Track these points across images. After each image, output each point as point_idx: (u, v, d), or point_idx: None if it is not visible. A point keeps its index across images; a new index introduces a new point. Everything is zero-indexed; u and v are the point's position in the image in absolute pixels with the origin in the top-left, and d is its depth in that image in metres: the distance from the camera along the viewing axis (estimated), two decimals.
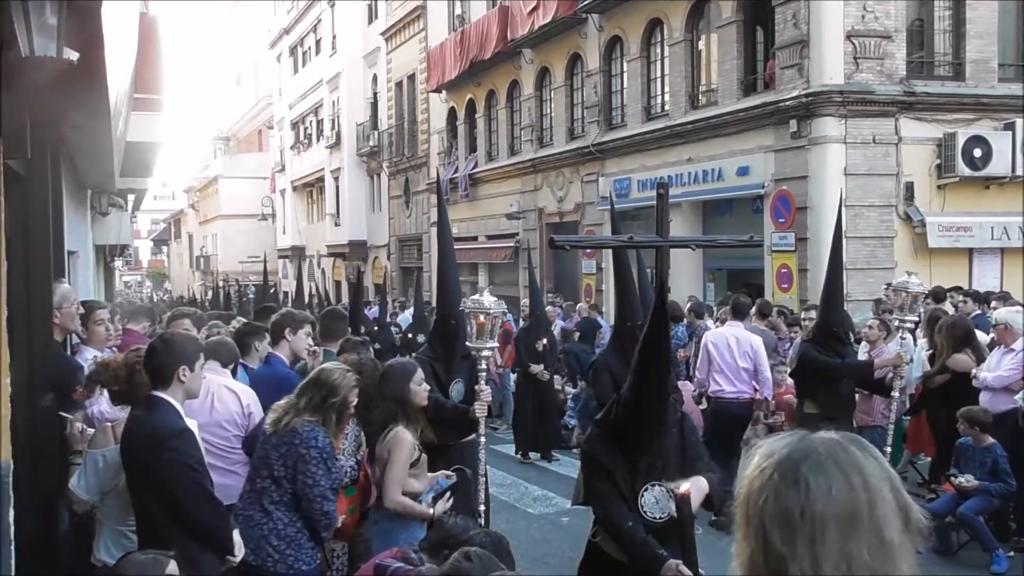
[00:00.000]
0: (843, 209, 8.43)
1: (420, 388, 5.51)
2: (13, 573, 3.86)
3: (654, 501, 4.29)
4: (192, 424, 4.54)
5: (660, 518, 4.26)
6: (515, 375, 13.69)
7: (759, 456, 1.75)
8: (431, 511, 5.27)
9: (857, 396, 8.82)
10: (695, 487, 4.24)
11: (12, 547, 3.84)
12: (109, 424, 5.09)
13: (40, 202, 5.04)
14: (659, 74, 19.77)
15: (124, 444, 4.47)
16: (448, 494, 5.50)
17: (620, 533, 4.28)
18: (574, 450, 13.13)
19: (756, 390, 9.65)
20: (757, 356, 9.68)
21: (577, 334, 14.87)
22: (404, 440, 5.25)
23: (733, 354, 9.61)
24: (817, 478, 1.67)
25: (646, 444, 4.32)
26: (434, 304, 10.16)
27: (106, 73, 5.29)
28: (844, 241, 8.56)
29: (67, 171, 8.81)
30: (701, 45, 18.63)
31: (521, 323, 15.13)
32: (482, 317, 6.07)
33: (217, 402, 5.71)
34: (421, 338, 14.09)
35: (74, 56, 3.86)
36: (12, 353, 3.94)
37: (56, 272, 5.67)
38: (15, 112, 4.14)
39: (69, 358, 5.95)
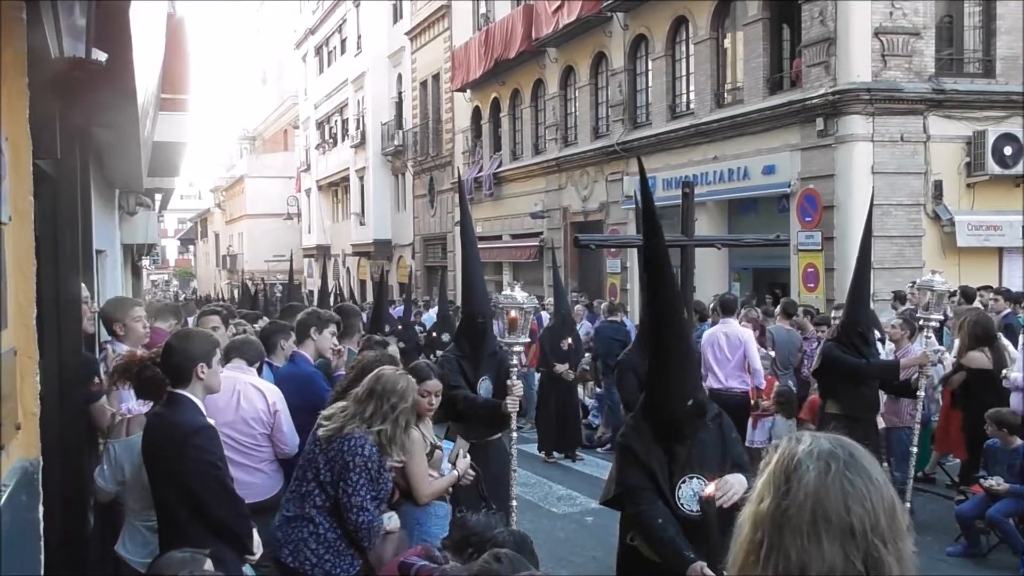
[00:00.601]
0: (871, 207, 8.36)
1: (423, 399, 5.46)
2: (43, 568, 3.90)
3: (692, 494, 4.26)
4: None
5: (697, 511, 4.24)
6: (539, 374, 13.69)
7: (780, 459, 1.77)
8: (455, 473, 5.34)
9: (884, 396, 8.77)
10: (737, 482, 4.22)
11: (42, 542, 3.88)
12: (127, 416, 5.16)
13: (69, 201, 5.09)
14: (684, 72, 19.71)
15: (146, 441, 4.51)
16: (461, 452, 5.52)
17: (649, 530, 4.26)
18: (598, 450, 13.13)
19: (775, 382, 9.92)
20: (747, 349, 10.17)
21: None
22: (415, 438, 5.27)
23: (723, 351, 10.10)
24: (849, 480, 1.69)
25: (678, 414, 4.27)
26: (459, 303, 10.21)
27: (134, 74, 5.34)
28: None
29: (95, 171, 8.90)
30: (727, 43, 18.56)
31: (546, 321, 15.12)
32: (514, 312, 6.08)
33: (243, 400, 5.74)
34: (446, 337, 14.14)
35: (103, 57, 3.90)
36: (41, 351, 3.99)
37: (85, 271, 5.72)
38: (45, 113, 4.19)
39: (85, 354, 6.00)
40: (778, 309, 12.61)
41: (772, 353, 11.49)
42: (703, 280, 16.28)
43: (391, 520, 4.91)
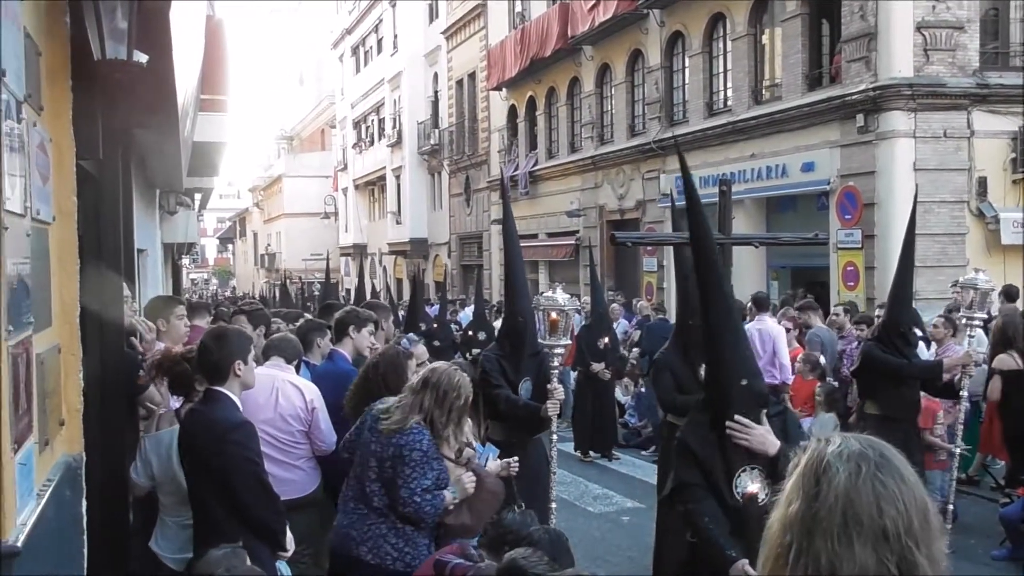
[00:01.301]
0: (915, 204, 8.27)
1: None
2: (86, 563, 3.97)
3: (751, 481, 4.23)
4: None
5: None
6: (575, 373, 13.69)
7: (810, 461, 1.76)
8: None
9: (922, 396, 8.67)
10: (764, 434, 4.20)
11: (85, 537, 3.95)
12: (160, 412, 5.24)
13: (111, 201, 5.17)
14: (722, 69, 19.59)
15: (184, 437, 4.58)
16: (490, 456, 5.52)
17: (696, 528, 4.26)
18: (643, 452, 13.09)
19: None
20: (776, 344, 10.79)
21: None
22: None
23: (757, 347, 10.28)
24: (882, 482, 1.68)
25: (732, 394, 4.25)
26: (494, 302, 10.22)
27: (174, 75, 5.42)
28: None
29: (137, 171, 9.02)
30: (765, 39, 18.43)
31: (582, 321, 15.11)
32: (555, 314, 6.08)
33: (281, 398, 5.79)
34: (482, 336, 14.16)
35: (144, 59, 3.96)
36: (84, 348, 4.06)
37: (126, 270, 5.81)
38: (88, 114, 4.26)
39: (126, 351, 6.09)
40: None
41: (821, 357, 11.16)
42: (740, 279, 16.17)
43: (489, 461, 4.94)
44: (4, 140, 2.81)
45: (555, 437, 6.40)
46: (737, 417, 4.19)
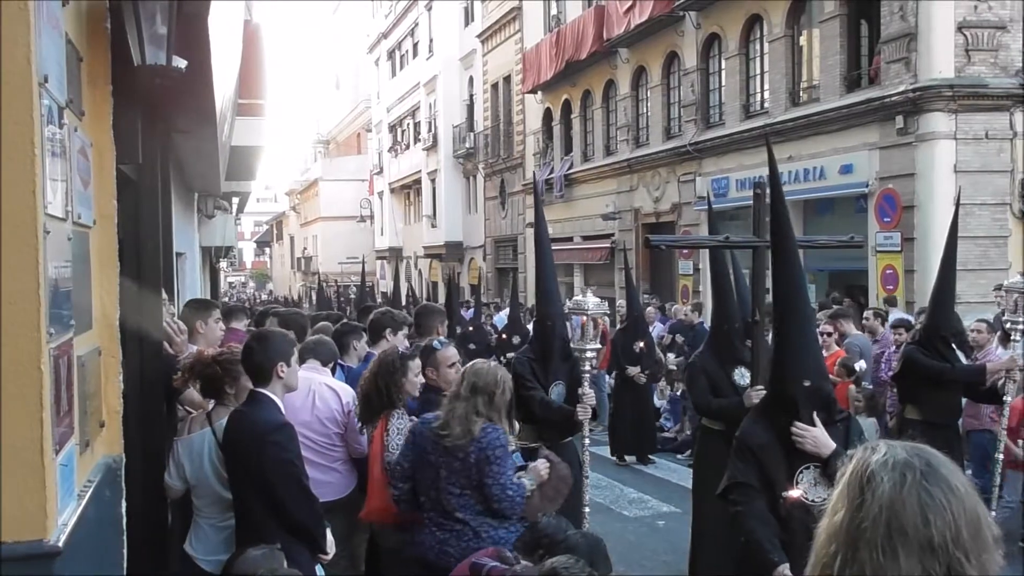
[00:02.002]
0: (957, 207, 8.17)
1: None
2: (125, 564, 4.01)
3: (813, 481, 4.21)
4: None
5: (815, 501, 4.16)
6: (611, 377, 13.64)
7: (857, 469, 1.74)
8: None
9: (965, 400, 8.54)
10: (819, 436, 4.19)
11: (124, 537, 3.99)
12: (192, 415, 5.28)
13: (151, 205, 5.23)
14: (758, 71, 19.46)
15: (227, 438, 4.61)
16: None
17: (743, 530, 4.27)
18: (678, 456, 13.02)
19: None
20: None
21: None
22: None
23: None
24: (929, 493, 1.65)
25: (795, 393, 4.24)
26: (528, 305, 10.21)
27: (213, 80, 5.47)
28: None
29: (175, 175, 9.11)
30: (802, 41, 18.28)
31: (618, 324, 15.07)
32: (584, 318, 6.09)
33: (318, 400, 5.83)
34: (516, 339, 14.16)
35: (183, 64, 4.00)
36: (124, 351, 4.10)
37: (165, 273, 5.87)
38: (128, 119, 4.31)
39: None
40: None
41: (860, 363, 11.01)
42: None
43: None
44: (46, 145, 2.84)
45: (587, 440, 6.40)
46: (796, 424, 4.19)
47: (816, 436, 4.19)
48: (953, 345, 8.07)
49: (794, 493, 4.10)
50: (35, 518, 2.74)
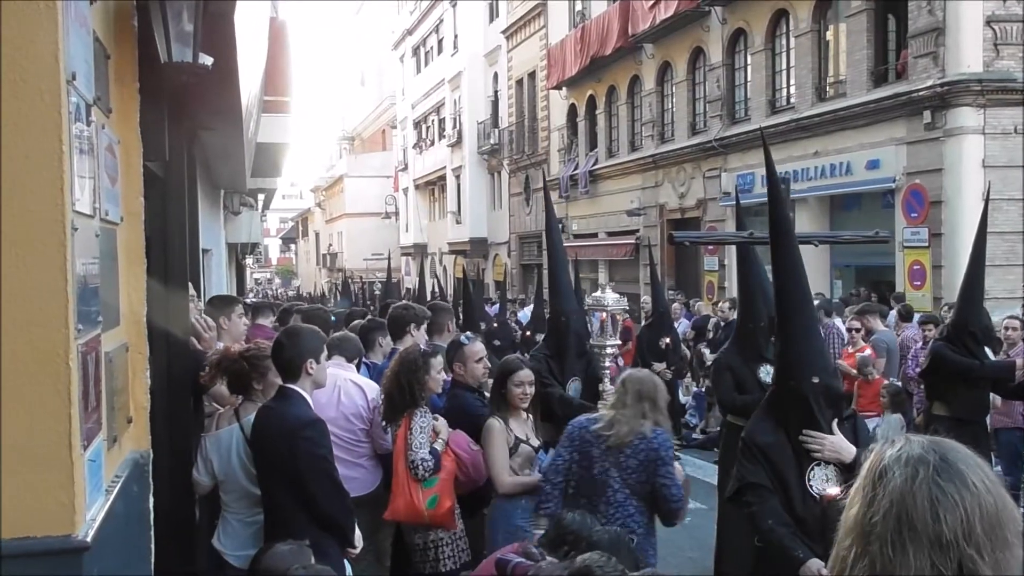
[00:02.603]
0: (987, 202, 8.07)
1: (516, 390, 5.50)
2: (153, 559, 4.03)
3: (824, 478, 4.16)
4: None
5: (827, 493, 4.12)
6: None
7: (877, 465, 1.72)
8: (538, 478, 5.32)
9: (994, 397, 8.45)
10: (837, 442, 4.14)
11: (152, 533, 4.01)
12: (219, 412, 5.30)
13: (177, 202, 5.25)
14: (784, 66, 19.35)
15: (256, 434, 4.62)
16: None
17: (761, 532, 4.21)
18: (705, 452, 12.95)
19: None
20: None
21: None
22: (492, 428, 5.40)
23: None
24: (954, 488, 1.63)
25: (803, 390, 4.18)
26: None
27: (239, 77, 5.49)
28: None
29: (201, 172, 9.16)
30: (829, 35, 18.15)
31: (643, 321, 15.01)
32: (603, 315, 6.07)
33: (344, 396, 5.85)
34: (539, 336, 14.13)
35: (209, 61, 4.02)
36: (151, 347, 4.12)
37: (192, 270, 5.90)
38: (154, 116, 4.33)
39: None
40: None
41: (877, 362, 10.88)
42: None
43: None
44: (74, 143, 2.86)
45: None
46: (806, 431, 4.14)
47: (834, 443, 4.14)
48: (980, 341, 7.98)
49: (831, 491, 4.05)
50: (64, 513, 2.76)
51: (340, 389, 5.85)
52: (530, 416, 5.66)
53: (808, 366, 4.23)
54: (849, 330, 11.23)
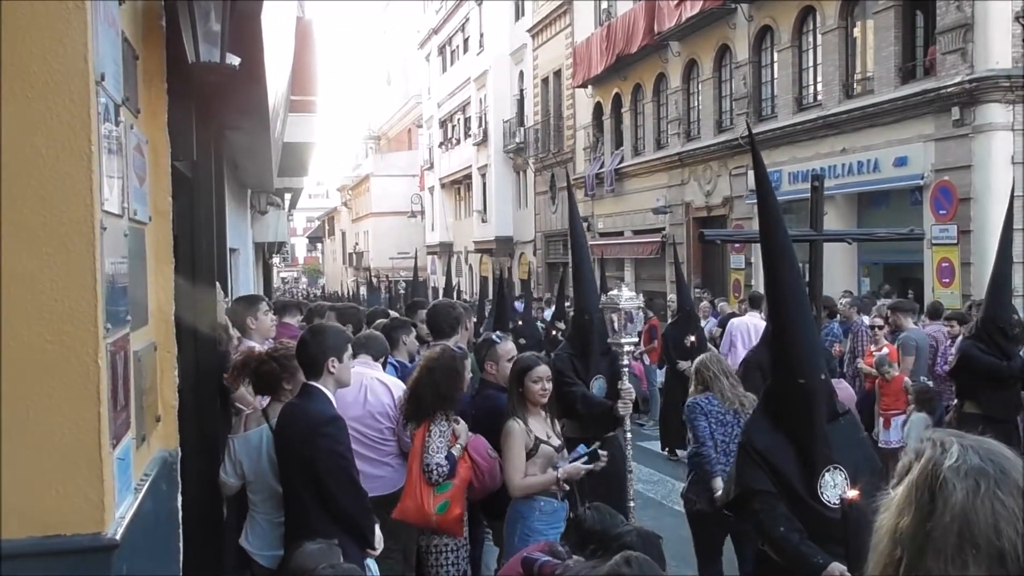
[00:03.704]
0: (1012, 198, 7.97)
1: (535, 386, 5.45)
2: (181, 558, 4.05)
3: (832, 485, 4.02)
4: None
5: (837, 504, 3.96)
6: (662, 371, 13.53)
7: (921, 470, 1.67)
8: (553, 475, 5.29)
9: None
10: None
11: (180, 531, 4.03)
12: (247, 412, 5.32)
13: (205, 202, 5.26)
14: (811, 63, 19.21)
15: (279, 431, 4.64)
16: (584, 458, 5.45)
17: (771, 540, 4.05)
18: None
19: None
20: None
21: None
22: (511, 431, 5.34)
23: (751, 339, 10.92)
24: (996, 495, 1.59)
25: (792, 391, 4.05)
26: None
27: (266, 77, 5.50)
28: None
29: (229, 172, 9.20)
30: (856, 32, 18.00)
31: (669, 319, 14.94)
32: (622, 312, 6.04)
33: (370, 395, 5.84)
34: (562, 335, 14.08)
35: (236, 61, 4.02)
36: (179, 346, 4.14)
37: (219, 269, 5.92)
38: (182, 116, 4.35)
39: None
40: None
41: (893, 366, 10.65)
42: (832, 275, 15.85)
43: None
44: (103, 142, 2.87)
45: (629, 435, 6.33)
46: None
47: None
48: (1011, 337, 7.88)
49: (851, 494, 3.97)
50: (93, 511, 2.77)
51: (367, 388, 5.85)
52: (549, 414, 5.61)
53: (818, 363, 4.13)
54: (871, 327, 11.11)
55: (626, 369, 6.28)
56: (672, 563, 4.73)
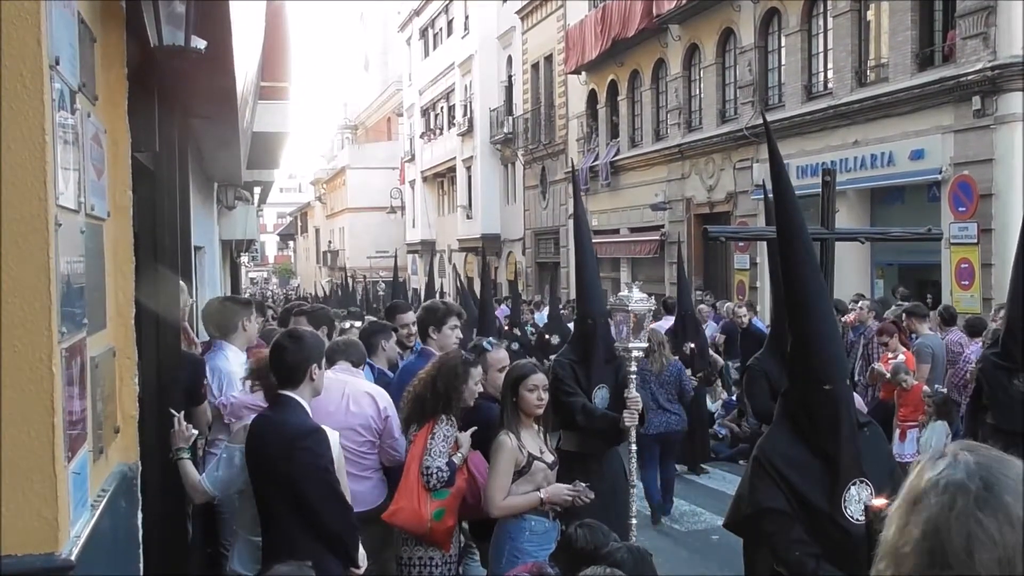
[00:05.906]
0: None
1: (530, 395, 5.44)
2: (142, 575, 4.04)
3: (857, 499, 4.01)
4: None
5: (860, 519, 3.99)
6: None
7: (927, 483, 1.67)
8: (537, 496, 5.28)
9: None
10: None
11: (140, 550, 4.02)
12: (240, 423, 5.30)
13: (168, 196, 5.25)
14: (821, 49, 19.28)
15: (251, 444, 4.61)
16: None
17: (789, 563, 4.05)
18: (740, 462, 12.92)
19: None
20: None
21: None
22: (502, 445, 5.31)
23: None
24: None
25: (815, 399, 4.06)
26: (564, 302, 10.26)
27: (234, 62, 5.50)
28: None
29: (194, 164, 9.18)
30: (870, 15, 18.07)
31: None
32: (632, 315, 6.06)
33: (352, 404, 5.81)
34: (555, 340, 14.10)
35: (202, 45, 4.02)
36: (140, 352, 4.13)
37: (183, 268, 5.91)
38: (144, 104, 4.34)
39: (191, 354, 6.19)
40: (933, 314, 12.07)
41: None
42: (843, 276, 15.92)
43: None
44: (57, 132, 2.86)
45: (633, 448, 6.35)
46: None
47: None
48: None
49: (878, 502, 3.98)
50: (46, 530, 2.77)
51: (349, 397, 5.83)
52: (541, 428, 5.60)
53: (844, 367, 4.16)
54: (881, 340, 11.17)
55: (634, 377, 6.29)
56: None
